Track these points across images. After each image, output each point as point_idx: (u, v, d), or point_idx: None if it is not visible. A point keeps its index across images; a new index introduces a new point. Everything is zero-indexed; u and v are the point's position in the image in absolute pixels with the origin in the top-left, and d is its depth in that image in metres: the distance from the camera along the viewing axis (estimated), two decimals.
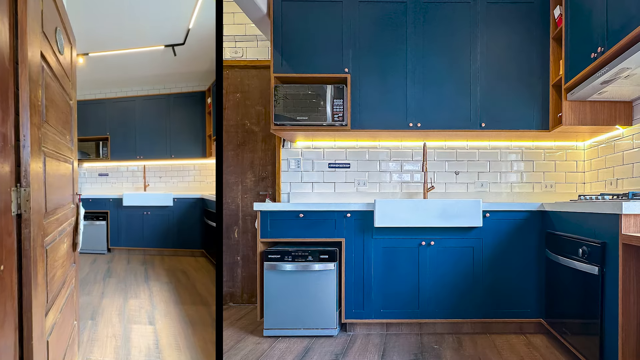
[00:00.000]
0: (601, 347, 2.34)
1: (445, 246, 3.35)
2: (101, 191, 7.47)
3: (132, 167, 7.43)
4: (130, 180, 7.43)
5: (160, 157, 6.99)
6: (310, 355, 2.93)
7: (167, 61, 6.04)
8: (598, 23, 2.74)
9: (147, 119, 7.04)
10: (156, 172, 7.36)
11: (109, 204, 6.81)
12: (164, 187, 7.32)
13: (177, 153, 6.89)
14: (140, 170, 7.41)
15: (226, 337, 3.29)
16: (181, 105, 6.89)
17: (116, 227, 6.79)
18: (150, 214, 6.64)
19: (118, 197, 6.76)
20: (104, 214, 6.86)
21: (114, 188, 7.50)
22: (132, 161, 7.20)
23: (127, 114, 7.13)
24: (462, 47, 3.61)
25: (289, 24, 3.63)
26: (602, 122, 3.27)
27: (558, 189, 3.98)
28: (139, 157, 7.08)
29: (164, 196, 6.56)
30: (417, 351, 3.01)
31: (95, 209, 6.83)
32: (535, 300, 3.32)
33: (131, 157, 7.11)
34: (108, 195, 6.83)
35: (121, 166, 7.45)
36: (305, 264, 3.29)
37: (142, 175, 7.39)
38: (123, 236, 6.78)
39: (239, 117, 4.31)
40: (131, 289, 4.50)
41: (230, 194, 4.31)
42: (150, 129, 7.01)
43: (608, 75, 2.64)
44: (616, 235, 2.17)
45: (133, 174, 7.43)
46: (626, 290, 2.13)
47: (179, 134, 6.88)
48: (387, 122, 3.62)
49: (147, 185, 7.32)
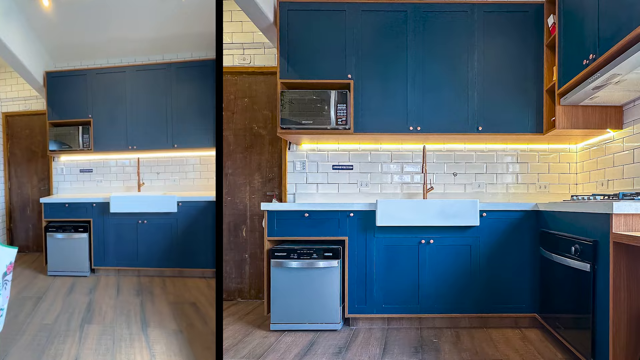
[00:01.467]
0: (593, 341, 2.35)
1: (444, 244, 3.36)
2: (83, 192, 5.67)
3: (123, 160, 5.57)
4: (121, 178, 5.59)
5: (158, 147, 5.18)
6: (315, 349, 2.95)
7: (169, 15, 4.36)
8: (590, 31, 2.75)
9: (142, 97, 5.20)
10: (153, 167, 5.49)
11: (92, 210, 4.96)
12: (162, 186, 5.47)
13: (181, 142, 5.09)
14: (132, 165, 5.53)
15: (234, 331, 3.32)
16: (187, 78, 5.05)
17: (102, 241, 4.95)
18: (147, 224, 4.85)
19: (104, 201, 4.92)
20: (86, 223, 4.97)
21: (100, 188, 5.67)
22: (122, 153, 5.37)
23: (115, 90, 5.25)
24: (460, 54, 3.63)
25: (294, 32, 3.65)
26: (593, 126, 3.28)
27: (552, 189, 3.99)
28: (131, 147, 5.23)
29: (164, 199, 4.78)
30: (417, 345, 3.03)
31: (74, 217, 5.00)
32: (530, 296, 3.34)
33: (121, 148, 5.26)
34: (91, 199, 4.99)
35: (109, 159, 5.61)
36: (310, 261, 3.31)
37: (135, 171, 5.50)
38: (111, 253, 4.94)
39: (247, 121, 4.34)
40: (122, 347, 2.86)
41: (239, 194, 4.34)
42: (145, 110, 5.18)
43: (599, 81, 2.65)
44: (607, 234, 2.19)
45: (123, 170, 5.58)
46: (616, 287, 2.14)
47: (184, 117, 5.09)
48: (388, 126, 3.63)
49: (141, 184, 5.43)
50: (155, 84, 5.12)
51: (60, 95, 5.31)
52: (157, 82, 5.12)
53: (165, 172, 5.47)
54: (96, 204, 4.96)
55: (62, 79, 5.33)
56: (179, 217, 4.80)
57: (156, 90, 5.12)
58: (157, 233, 4.85)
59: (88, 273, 4.96)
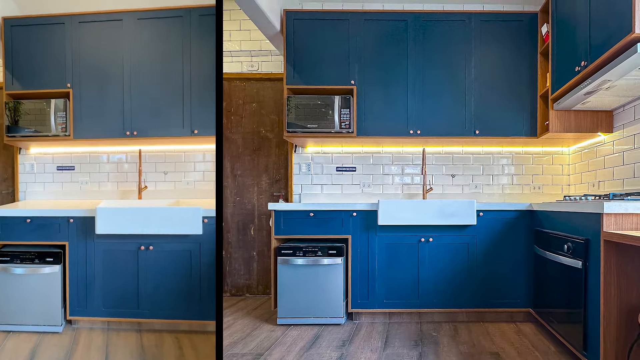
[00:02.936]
0: (584, 335, 2.36)
1: (442, 242, 3.38)
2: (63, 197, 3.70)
3: (117, 153, 3.72)
4: (114, 179, 3.72)
5: (169, 133, 3.36)
6: (320, 342, 2.97)
7: None
8: (581, 39, 2.76)
9: (146, 58, 3.36)
10: (159, 164, 3.70)
11: (69, 228, 3.08)
12: (172, 190, 3.68)
13: (204, 127, 3.35)
14: (131, 161, 3.71)
15: (243, 325, 3.34)
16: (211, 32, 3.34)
17: (82, 277, 3.09)
18: (155, 250, 3.07)
19: (87, 215, 3.05)
20: (59, 249, 3.08)
21: (85, 192, 3.73)
22: (116, 142, 3.48)
23: (106, 48, 3.38)
24: (457, 61, 3.65)
25: (300, 40, 3.68)
26: (585, 130, 3.29)
27: (545, 190, 4.00)
28: (129, 133, 3.35)
29: (183, 213, 2.98)
30: (417, 338, 3.04)
31: (40, 238, 3.09)
32: (525, 292, 3.35)
33: (115, 134, 3.37)
34: (67, 211, 3.06)
35: (98, 152, 3.70)
36: (315, 258, 3.33)
37: (135, 169, 3.69)
38: (97, 295, 3.10)
39: (255, 125, 4.36)
40: None
41: (247, 195, 4.36)
42: (151, 77, 3.37)
43: (591, 87, 2.66)
44: (598, 233, 2.20)
45: (117, 167, 3.71)
46: (607, 283, 2.15)
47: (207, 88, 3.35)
48: (389, 130, 3.66)
49: (143, 187, 3.62)
50: (167, 39, 3.37)
51: (25, 54, 3.44)
52: (169, 37, 3.36)
53: (175, 171, 3.71)
54: (75, 218, 3.07)
55: (28, 29, 3.43)
56: (204, 241, 3.06)
57: (167, 49, 3.37)
58: (170, 265, 3.09)
59: (61, 327, 3.08)
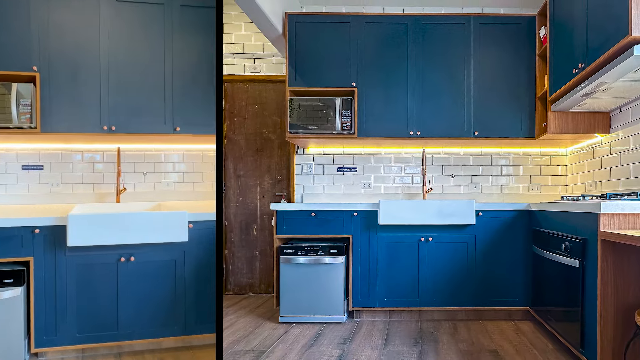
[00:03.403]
0: (582, 333, 2.36)
1: (442, 242, 3.39)
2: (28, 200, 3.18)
3: (92, 151, 3.31)
4: (89, 180, 3.31)
5: (149, 129, 3.01)
6: (321, 340, 2.98)
7: None
8: (579, 42, 2.77)
9: (124, 46, 2.98)
10: (138, 164, 3.38)
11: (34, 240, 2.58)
12: (152, 192, 3.38)
13: (185, 123, 3.06)
14: (108, 160, 3.35)
15: (245, 323, 3.35)
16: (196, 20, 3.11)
17: (51, 300, 2.59)
18: (136, 262, 2.71)
19: (55, 224, 2.59)
20: (21, 267, 2.54)
21: (56, 195, 3.23)
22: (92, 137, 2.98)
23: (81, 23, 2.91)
24: (457, 63, 3.66)
25: (302, 43, 3.69)
26: (582, 131, 3.30)
27: (543, 190, 4.01)
28: (106, 127, 2.93)
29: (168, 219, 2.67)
30: (417, 336, 3.05)
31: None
32: (523, 291, 3.35)
33: (89, 128, 2.91)
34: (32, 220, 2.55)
35: (70, 150, 3.28)
36: (316, 257, 3.34)
37: (112, 169, 3.34)
38: (69, 320, 2.62)
39: (258, 126, 4.38)
40: None
41: (250, 195, 4.38)
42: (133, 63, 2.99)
43: (588, 88, 2.66)
44: (595, 232, 2.20)
45: (92, 167, 3.32)
46: (604, 282, 2.16)
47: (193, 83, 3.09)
48: (390, 131, 3.66)
49: (122, 189, 3.26)
50: (147, 27, 3.01)
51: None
52: (151, 26, 3.02)
53: (155, 171, 3.40)
54: (41, 228, 2.58)
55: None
56: (189, 249, 2.77)
57: (147, 38, 3.01)
58: (153, 277, 2.73)
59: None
